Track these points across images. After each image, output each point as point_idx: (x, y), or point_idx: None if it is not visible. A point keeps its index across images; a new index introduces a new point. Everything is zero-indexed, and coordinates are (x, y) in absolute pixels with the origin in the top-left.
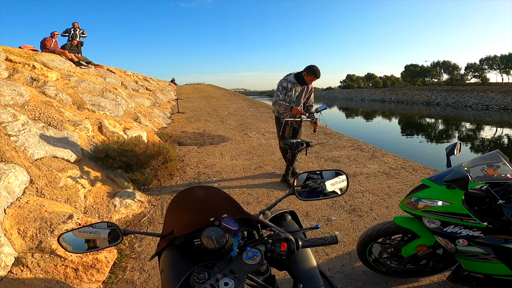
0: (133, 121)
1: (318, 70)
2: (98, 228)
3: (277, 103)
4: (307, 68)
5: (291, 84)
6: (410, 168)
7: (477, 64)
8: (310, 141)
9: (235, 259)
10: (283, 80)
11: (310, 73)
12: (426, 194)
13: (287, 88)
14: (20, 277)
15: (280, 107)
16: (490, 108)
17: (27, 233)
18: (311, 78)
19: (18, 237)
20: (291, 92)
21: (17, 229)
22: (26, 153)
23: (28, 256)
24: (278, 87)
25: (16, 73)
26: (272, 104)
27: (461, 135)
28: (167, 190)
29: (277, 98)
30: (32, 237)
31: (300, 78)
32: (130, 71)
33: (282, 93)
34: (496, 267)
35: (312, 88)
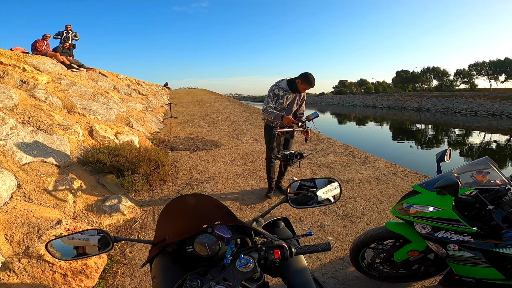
0: (125, 125)
1: (313, 79)
2: (87, 235)
3: (267, 110)
4: (302, 76)
5: (283, 91)
6: (401, 173)
7: (466, 70)
8: (304, 152)
9: (228, 267)
10: (274, 86)
11: (304, 81)
12: (417, 200)
13: (279, 95)
14: (6, 283)
15: (270, 115)
16: (479, 114)
17: (14, 238)
18: (305, 87)
19: (5, 242)
20: (283, 99)
21: (4, 234)
22: (14, 158)
23: (15, 261)
24: (269, 94)
25: (6, 75)
26: (262, 111)
27: (451, 141)
28: (159, 196)
29: (267, 106)
30: (19, 242)
31: (293, 85)
32: (123, 75)
33: (273, 100)
34: (487, 271)
35: (304, 96)
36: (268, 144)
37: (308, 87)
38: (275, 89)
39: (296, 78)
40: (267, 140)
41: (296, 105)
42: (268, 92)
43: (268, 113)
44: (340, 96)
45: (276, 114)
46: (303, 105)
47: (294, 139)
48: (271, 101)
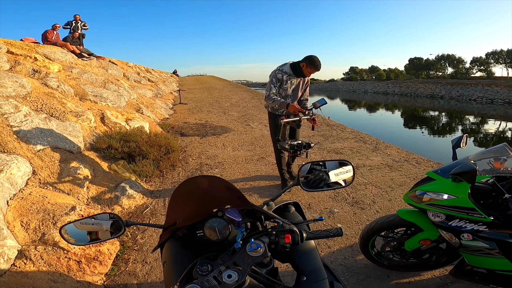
0: (135, 112)
1: (319, 62)
2: (100, 220)
3: (271, 98)
4: (307, 59)
5: (287, 75)
6: (413, 160)
7: (482, 58)
8: (311, 142)
9: (238, 251)
10: (277, 71)
11: (310, 65)
12: (432, 187)
13: (282, 80)
14: (23, 270)
15: (274, 103)
16: (495, 102)
17: (30, 225)
18: (311, 70)
19: (21, 230)
20: (287, 85)
21: (20, 221)
22: (29, 144)
23: (31, 248)
24: (271, 79)
25: (18, 65)
26: (265, 98)
27: (465, 129)
28: (169, 181)
29: (270, 92)
30: (35, 229)
31: (297, 69)
32: (132, 63)
33: (276, 86)
34: (500, 262)
35: (309, 80)
36: (274, 134)
37: (314, 70)
38: (278, 74)
39: (300, 62)
40: (272, 130)
41: (301, 91)
42: (270, 77)
43: (272, 100)
44: (351, 83)
45: (280, 102)
46: (307, 91)
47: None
48: (274, 87)
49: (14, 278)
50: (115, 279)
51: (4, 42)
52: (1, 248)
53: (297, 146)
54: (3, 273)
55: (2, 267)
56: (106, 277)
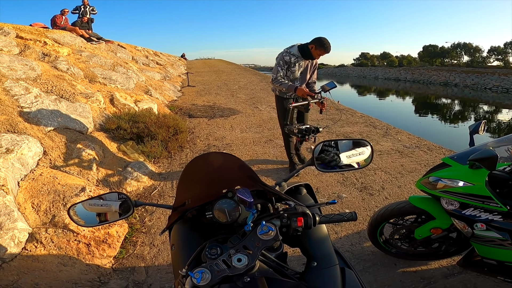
0: (144, 93)
1: (328, 43)
2: (108, 200)
3: (278, 81)
4: (316, 41)
5: (295, 58)
6: (425, 147)
7: (501, 48)
8: (320, 126)
9: (248, 234)
10: (284, 53)
11: (319, 47)
12: (447, 174)
13: (290, 63)
14: (34, 254)
15: (281, 86)
16: (510, 91)
17: (40, 207)
18: (320, 53)
19: (32, 211)
20: (295, 67)
21: (31, 202)
22: (39, 125)
23: (41, 231)
24: (279, 62)
25: (28, 49)
26: (272, 81)
27: (479, 117)
28: (177, 162)
29: (277, 75)
30: (45, 211)
31: (306, 51)
32: (141, 47)
33: (283, 68)
34: (511, 254)
35: (317, 63)
36: (282, 118)
37: (323, 52)
38: (286, 56)
39: (309, 44)
40: (280, 113)
41: (309, 74)
42: (278, 59)
43: (279, 83)
44: (361, 68)
45: (288, 85)
46: (315, 74)
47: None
48: (281, 70)
49: (25, 262)
50: (123, 262)
51: (13, 28)
52: (11, 231)
53: (305, 131)
54: (13, 257)
55: (13, 251)
56: (114, 260)
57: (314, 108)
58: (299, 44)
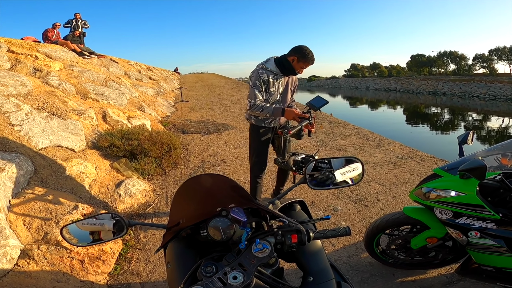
0: (137, 109)
1: (312, 53)
2: (102, 220)
3: (258, 106)
4: (297, 52)
5: (273, 75)
6: (417, 157)
7: (485, 55)
8: (313, 153)
9: (243, 252)
10: (260, 70)
11: (302, 58)
12: (438, 184)
13: (269, 82)
14: (26, 270)
15: (263, 112)
16: (498, 98)
17: (32, 224)
18: (303, 65)
19: (23, 229)
20: (274, 87)
21: (22, 220)
22: (31, 143)
23: (34, 248)
24: (255, 83)
25: (19, 64)
26: (249, 108)
27: (469, 125)
28: (171, 179)
29: (255, 100)
30: (37, 229)
31: (286, 66)
32: (133, 61)
33: (261, 90)
34: (508, 260)
35: (297, 80)
36: (260, 155)
37: (307, 65)
38: (262, 74)
39: (288, 55)
40: (256, 147)
41: (290, 93)
42: (253, 80)
43: (261, 109)
44: (352, 80)
45: (272, 108)
46: (295, 92)
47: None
48: (259, 93)
49: (18, 278)
50: (118, 279)
51: (4, 41)
52: (3, 248)
53: (302, 162)
54: (6, 273)
55: (5, 267)
56: (109, 276)
57: None
58: (275, 57)
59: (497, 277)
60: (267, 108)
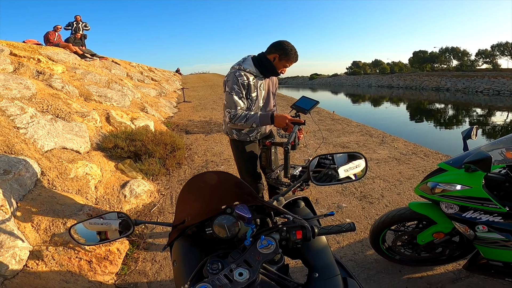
0: (140, 111)
1: (295, 49)
2: (108, 219)
3: (240, 117)
4: (278, 48)
5: (253, 77)
6: (421, 153)
7: (488, 51)
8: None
9: (249, 248)
10: (237, 72)
11: (284, 56)
12: (444, 178)
13: (249, 86)
14: (35, 271)
15: (248, 123)
16: (502, 93)
17: (40, 226)
18: (286, 63)
19: (32, 230)
20: (256, 92)
21: (30, 222)
22: (36, 145)
23: (42, 249)
24: (233, 87)
25: (22, 67)
26: (229, 121)
27: (473, 120)
28: (175, 179)
29: (236, 110)
30: (45, 230)
31: (267, 66)
32: (135, 62)
33: (242, 97)
34: None
35: (277, 82)
36: (253, 174)
37: (290, 63)
38: (241, 77)
39: (267, 54)
40: (246, 168)
41: (273, 98)
42: (229, 84)
43: (244, 119)
44: (354, 77)
45: (259, 117)
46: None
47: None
48: (240, 100)
49: (27, 279)
50: (125, 279)
51: (6, 44)
52: (12, 249)
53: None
54: (15, 274)
55: (15, 268)
56: (116, 276)
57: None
58: (253, 56)
59: (506, 272)
60: (252, 117)
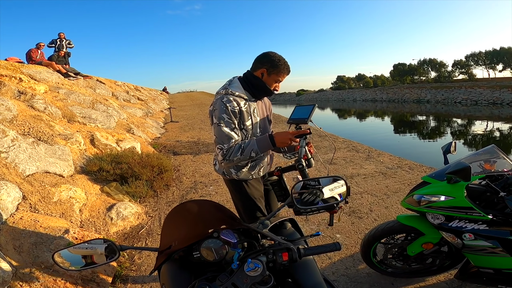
0: (126, 132)
1: (284, 60)
2: (94, 244)
3: (234, 150)
4: (265, 61)
5: (245, 101)
6: (406, 166)
7: (463, 61)
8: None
9: (236, 272)
10: (224, 99)
11: (273, 68)
12: (428, 191)
13: (241, 114)
14: None
15: (244, 154)
16: (479, 103)
17: (23, 248)
18: (277, 78)
19: (14, 253)
20: (250, 119)
21: (12, 244)
22: (17, 169)
23: (26, 271)
24: (221, 117)
25: (3, 86)
26: (223, 159)
27: (454, 131)
28: (164, 201)
29: (229, 143)
30: (28, 252)
31: (256, 85)
32: (121, 81)
33: (233, 127)
34: (505, 261)
35: (270, 103)
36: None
37: (282, 76)
38: (230, 103)
39: (253, 71)
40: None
41: (269, 124)
42: (217, 114)
43: (240, 151)
44: (339, 92)
45: (255, 142)
46: None
47: None
48: (232, 131)
49: None
50: None
51: None
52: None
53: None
54: None
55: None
56: None
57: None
58: (239, 76)
59: (498, 279)
60: (248, 144)
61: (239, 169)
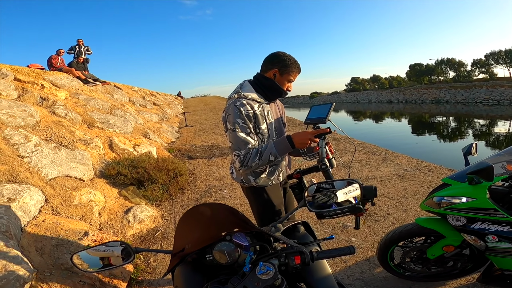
0: (142, 137)
1: (294, 58)
2: (111, 246)
3: (251, 155)
4: (275, 61)
5: (258, 104)
6: (425, 169)
7: (483, 60)
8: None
9: (248, 275)
10: (237, 103)
11: (285, 68)
12: (449, 192)
13: (256, 117)
14: None
15: (263, 159)
16: (502, 102)
17: (44, 250)
18: (289, 77)
19: (36, 254)
20: (265, 122)
21: (35, 246)
22: (40, 174)
23: (46, 273)
24: (236, 122)
25: (26, 93)
26: (241, 166)
27: (475, 132)
28: (179, 204)
29: (247, 148)
30: (49, 254)
31: (268, 86)
32: (137, 87)
33: (249, 132)
34: None
35: (282, 105)
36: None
37: (294, 75)
38: (243, 107)
39: (264, 72)
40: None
41: (283, 125)
42: (232, 119)
43: (258, 155)
44: (354, 94)
45: (273, 145)
46: None
47: None
48: (249, 136)
49: None
50: None
51: (11, 69)
52: (16, 273)
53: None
54: None
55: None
56: None
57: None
58: (249, 80)
59: None
60: (266, 148)
61: (257, 176)
